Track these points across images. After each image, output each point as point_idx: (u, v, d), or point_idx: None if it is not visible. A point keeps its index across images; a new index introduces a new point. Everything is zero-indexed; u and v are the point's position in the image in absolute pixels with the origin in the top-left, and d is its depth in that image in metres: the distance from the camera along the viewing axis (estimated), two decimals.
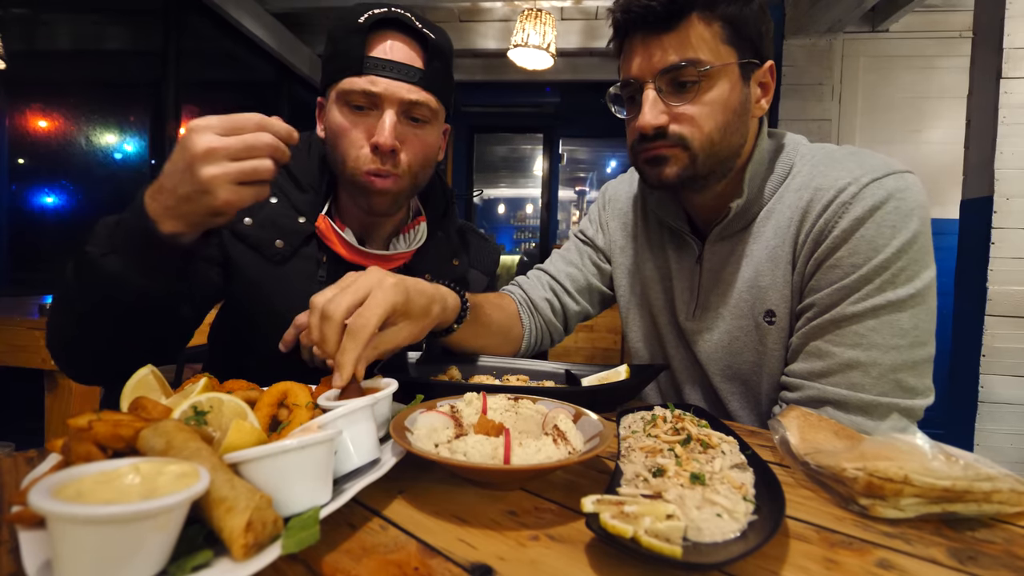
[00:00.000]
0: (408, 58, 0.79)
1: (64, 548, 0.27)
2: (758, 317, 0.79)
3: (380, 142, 0.76)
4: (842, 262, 0.69)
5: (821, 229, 0.71)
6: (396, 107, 0.78)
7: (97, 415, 0.38)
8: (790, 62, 3.25)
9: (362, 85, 0.77)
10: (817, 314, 0.72)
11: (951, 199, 2.58)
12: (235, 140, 0.56)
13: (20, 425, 1.99)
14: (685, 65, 0.70)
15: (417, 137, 0.81)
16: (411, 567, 0.34)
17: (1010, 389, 2.05)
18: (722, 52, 0.71)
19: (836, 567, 0.35)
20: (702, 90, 0.72)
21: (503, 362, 0.86)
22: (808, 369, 0.72)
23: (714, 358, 0.84)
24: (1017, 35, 2.00)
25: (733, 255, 0.82)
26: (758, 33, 0.73)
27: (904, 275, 0.67)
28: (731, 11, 0.71)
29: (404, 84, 0.78)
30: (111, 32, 3.10)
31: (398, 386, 0.55)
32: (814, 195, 0.73)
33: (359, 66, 0.77)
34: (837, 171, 0.73)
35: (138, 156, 3.08)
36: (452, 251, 0.96)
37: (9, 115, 2.49)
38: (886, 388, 0.68)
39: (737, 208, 0.78)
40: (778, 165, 0.79)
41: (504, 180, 8.81)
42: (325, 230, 0.83)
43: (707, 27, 0.70)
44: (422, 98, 0.79)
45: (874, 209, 0.68)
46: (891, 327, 0.67)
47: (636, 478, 0.43)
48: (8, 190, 2.52)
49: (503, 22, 3.96)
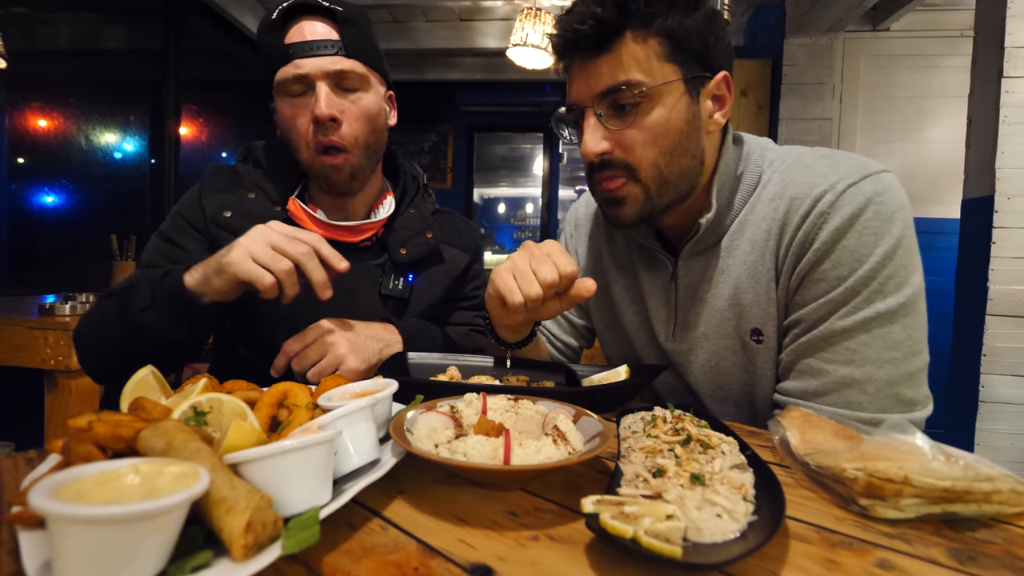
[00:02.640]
0: (324, 34, 0.84)
1: (64, 548, 0.27)
2: (744, 337, 0.76)
3: (317, 113, 0.82)
4: (827, 275, 0.67)
5: (801, 242, 0.68)
6: (325, 80, 0.83)
7: (97, 415, 0.38)
8: (791, 61, 3.25)
9: (290, 72, 0.83)
10: (806, 330, 0.69)
11: (952, 199, 2.59)
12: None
13: (20, 425, 1.99)
14: (621, 88, 0.67)
15: (355, 105, 0.86)
16: (411, 567, 0.34)
17: (1011, 389, 2.04)
18: (662, 70, 0.67)
19: (836, 567, 0.35)
20: (642, 112, 0.68)
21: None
22: (802, 388, 0.70)
23: (703, 380, 0.82)
24: (1018, 34, 1.99)
25: (708, 270, 0.78)
26: (704, 45, 0.68)
27: (892, 283, 0.65)
28: (669, 25, 0.66)
29: (326, 58, 0.83)
30: (111, 31, 3.10)
31: (398, 386, 0.55)
32: (790, 205, 0.70)
33: (283, 56, 0.83)
34: (811, 178, 0.69)
35: (138, 156, 3.08)
36: (425, 225, 0.99)
37: (9, 114, 2.49)
38: (884, 404, 0.66)
39: (707, 223, 0.74)
40: (746, 174, 0.75)
41: (504, 179, 8.79)
42: (296, 211, 0.90)
43: (643, 45, 0.67)
44: (347, 66, 0.84)
45: (854, 217, 0.65)
46: (883, 340, 0.65)
47: (636, 478, 0.43)
48: (8, 190, 2.52)
49: (503, 21, 3.96)
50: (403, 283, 0.94)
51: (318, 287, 0.71)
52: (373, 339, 0.81)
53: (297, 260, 0.68)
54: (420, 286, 0.96)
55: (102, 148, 2.93)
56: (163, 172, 3.08)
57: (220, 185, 0.92)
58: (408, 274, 0.95)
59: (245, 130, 4.02)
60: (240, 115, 4.00)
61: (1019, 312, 2.02)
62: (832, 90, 3.26)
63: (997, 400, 2.06)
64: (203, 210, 0.89)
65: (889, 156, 3.25)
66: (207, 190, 0.91)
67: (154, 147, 3.08)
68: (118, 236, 2.06)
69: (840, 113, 3.30)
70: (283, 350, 0.77)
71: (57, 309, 1.69)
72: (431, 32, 4.08)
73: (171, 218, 0.91)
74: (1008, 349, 2.03)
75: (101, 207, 2.95)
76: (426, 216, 1.00)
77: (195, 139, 3.43)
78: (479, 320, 1.06)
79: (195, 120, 3.42)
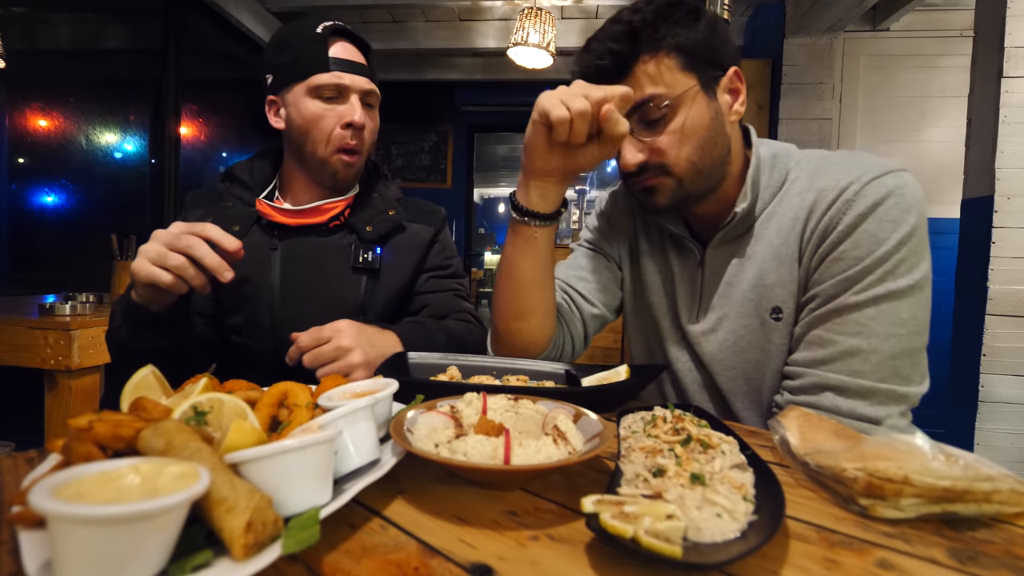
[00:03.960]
0: (356, 57, 1.00)
1: (64, 548, 0.27)
2: (764, 315, 0.81)
3: (355, 120, 0.97)
4: (845, 255, 0.72)
5: (826, 225, 0.74)
6: (358, 95, 0.99)
7: (97, 415, 0.38)
8: (791, 61, 3.25)
9: (332, 79, 0.96)
10: (820, 304, 0.75)
11: (952, 198, 2.58)
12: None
13: (20, 425, 1.99)
14: (647, 103, 0.75)
15: (371, 119, 1.02)
16: (411, 567, 0.34)
17: (1011, 388, 2.04)
18: (678, 80, 0.75)
19: (836, 567, 0.35)
20: (668, 120, 0.76)
21: (503, 362, 0.86)
22: (810, 357, 0.75)
23: (718, 358, 0.86)
24: (1018, 34, 1.99)
25: (735, 258, 0.84)
26: (711, 48, 0.76)
27: (904, 266, 0.70)
28: (677, 41, 0.74)
29: (362, 77, 0.99)
30: (111, 31, 3.10)
31: (398, 386, 0.55)
32: (818, 195, 0.76)
33: (326, 65, 0.96)
34: (838, 172, 0.76)
35: (138, 155, 3.07)
36: (387, 205, 1.09)
37: (9, 114, 2.49)
38: (885, 375, 0.70)
39: (742, 212, 0.80)
40: (775, 171, 0.82)
41: (504, 179, 8.80)
42: (263, 208, 1.01)
43: (658, 63, 0.75)
44: (372, 88, 1.01)
45: (876, 205, 0.71)
46: (890, 316, 0.70)
47: (636, 478, 0.43)
48: (8, 190, 2.52)
49: (503, 21, 3.96)
50: (372, 255, 1.04)
51: (215, 271, 0.74)
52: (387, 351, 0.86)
53: (186, 251, 0.73)
54: (388, 258, 1.07)
55: (102, 148, 2.93)
56: (163, 172, 3.08)
57: (201, 203, 1.05)
58: (376, 247, 1.05)
59: (245, 130, 4.02)
60: (240, 115, 4.00)
61: (1019, 312, 2.02)
62: (832, 90, 3.26)
63: (997, 400, 2.06)
64: None
65: (889, 156, 3.21)
66: (188, 208, 1.05)
67: (154, 147, 3.08)
68: (118, 236, 2.06)
69: (840, 113, 3.30)
70: (297, 343, 0.82)
71: (57, 309, 1.69)
72: (431, 32, 4.08)
73: None
74: (1008, 349, 2.03)
75: (101, 207, 2.95)
76: (388, 198, 1.11)
77: (195, 139, 3.43)
78: (458, 286, 1.15)
79: (195, 120, 3.42)
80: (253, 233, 1.00)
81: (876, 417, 0.70)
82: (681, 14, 0.75)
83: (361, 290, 1.02)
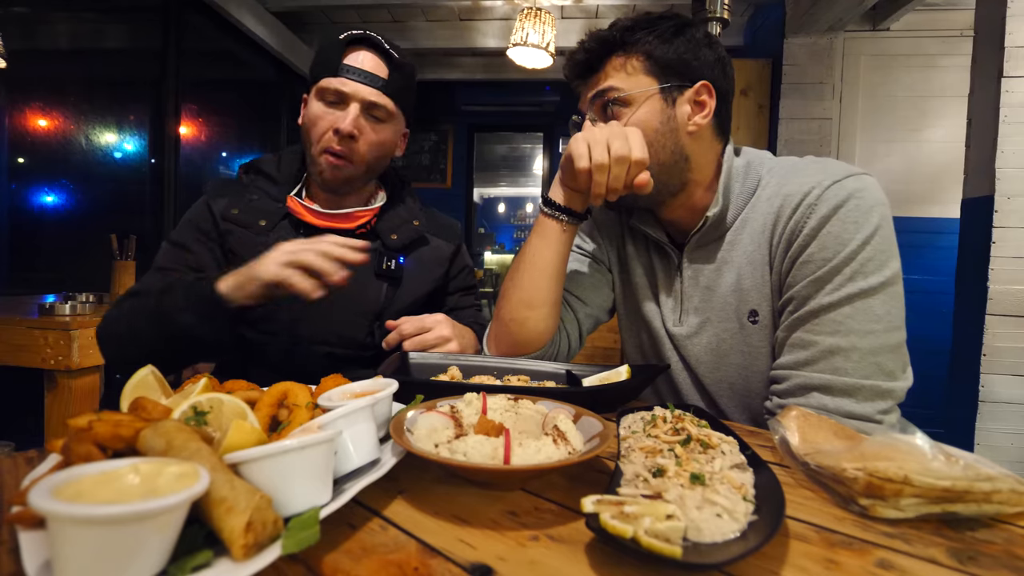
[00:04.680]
0: (374, 68, 0.99)
1: (64, 548, 0.27)
2: (743, 318, 0.84)
3: (340, 127, 0.96)
4: (813, 257, 0.75)
5: (792, 230, 0.78)
6: (359, 104, 0.98)
7: (97, 415, 0.38)
8: (791, 61, 3.24)
9: (335, 85, 0.97)
10: (796, 307, 0.77)
11: (952, 198, 2.58)
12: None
13: (20, 425, 1.99)
14: (605, 91, 0.83)
15: (374, 132, 1.01)
16: (411, 567, 0.34)
17: (1011, 388, 2.04)
18: (639, 81, 0.82)
19: (836, 567, 0.35)
20: (620, 113, 0.83)
21: (503, 362, 0.86)
22: (793, 360, 0.76)
23: (703, 360, 0.89)
24: (1018, 34, 1.99)
25: (712, 263, 0.87)
26: (682, 63, 0.82)
27: (871, 264, 0.72)
28: (648, 49, 0.82)
29: (368, 88, 0.98)
30: (111, 31, 3.10)
31: (398, 386, 0.55)
32: (784, 201, 0.80)
33: (335, 70, 0.97)
34: (802, 178, 0.79)
35: (138, 155, 3.07)
36: (412, 215, 1.13)
37: (9, 114, 2.49)
38: (868, 371, 0.72)
39: (713, 217, 0.84)
40: (748, 179, 0.86)
41: (504, 179, 8.79)
42: (295, 207, 1.02)
43: (627, 62, 0.83)
44: (381, 101, 0.99)
45: (837, 207, 0.74)
46: (865, 313, 0.72)
47: (636, 478, 0.43)
48: (8, 190, 2.52)
49: (503, 21, 3.96)
50: (395, 264, 1.06)
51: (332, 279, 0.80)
52: (468, 347, 0.96)
53: (311, 264, 0.78)
54: (410, 267, 1.10)
55: (102, 148, 2.93)
56: (163, 172, 3.07)
57: (224, 191, 1.04)
58: (399, 256, 1.08)
59: (245, 130, 4.02)
60: (240, 115, 4.00)
61: (1019, 312, 2.02)
62: (832, 90, 3.26)
63: (997, 400, 2.05)
64: (212, 213, 1.01)
65: (889, 156, 3.25)
66: (212, 195, 1.04)
67: (154, 147, 3.08)
68: (118, 236, 2.05)
69: (840, 113, 3.30)
70: (399, 330, 0.91)
71: (57, 309, 1.69)
72: (431, 32, 4.08)
73: (181, 226, 1.03)
74: (1008, 349, 2.03)
75: (101, 207, 2.95)
76: (413, 209, 1.15)
77: (195, 139, 3.43)
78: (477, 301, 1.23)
79: (195, 120, 3.42)
80: (280, 228, 1.02)
81: (864, 414, 0.71)
82: (663, 27, 0.82)
83: (382, 296, 1.04)
